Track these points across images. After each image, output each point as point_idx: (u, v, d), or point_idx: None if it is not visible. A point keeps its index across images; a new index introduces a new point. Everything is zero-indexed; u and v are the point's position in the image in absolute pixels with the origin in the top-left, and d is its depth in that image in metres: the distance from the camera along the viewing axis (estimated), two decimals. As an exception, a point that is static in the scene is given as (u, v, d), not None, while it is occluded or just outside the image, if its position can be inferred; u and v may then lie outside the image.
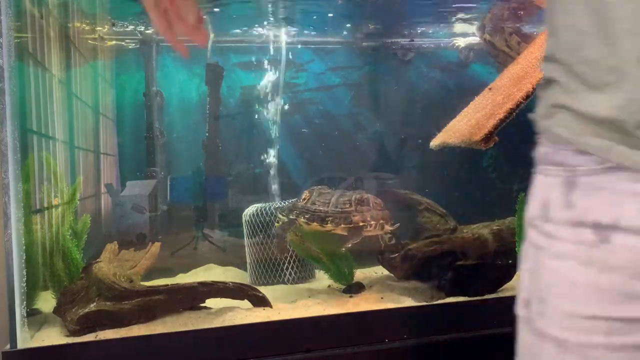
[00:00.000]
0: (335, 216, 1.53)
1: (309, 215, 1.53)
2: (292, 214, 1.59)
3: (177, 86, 2.23)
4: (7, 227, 1.19)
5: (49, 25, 1.59)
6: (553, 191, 0.69)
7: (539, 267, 0.71)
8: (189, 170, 2.19)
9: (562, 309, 0.67)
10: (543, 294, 0.70)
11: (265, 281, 1.80)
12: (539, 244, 0.71)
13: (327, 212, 1.55)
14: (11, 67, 1.19)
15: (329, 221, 1.53)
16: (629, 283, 0.63)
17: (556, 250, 0.68)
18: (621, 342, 0.63)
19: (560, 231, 0.68)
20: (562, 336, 0.67)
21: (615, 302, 0.63)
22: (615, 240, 0.63)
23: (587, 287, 0.65)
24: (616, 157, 0.63)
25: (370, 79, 2.41)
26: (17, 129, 1.22)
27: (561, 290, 0.67)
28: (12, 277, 1.19)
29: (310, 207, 1.57)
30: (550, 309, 0.69)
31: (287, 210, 1.61)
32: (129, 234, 1.92)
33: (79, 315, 1.27)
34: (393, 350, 1.31)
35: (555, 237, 0.68)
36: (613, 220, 0.63)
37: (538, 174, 0.72)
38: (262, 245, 1.81)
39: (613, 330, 0.64)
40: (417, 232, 1.67)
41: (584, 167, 0.66)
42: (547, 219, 0.70)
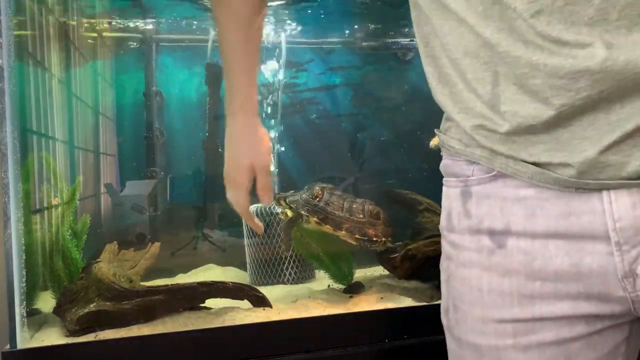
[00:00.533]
0: (350, 224, 1.50)
1: (323, 217, 1.50)
2: (304, 209, 1.52)
3: (177, 86, 2.23)
4: (6, 227, 1.19)
5: (48, 25, 1.59)
6: (453, 201, 0.73)
7: (451, 276, 0.74)
8: (189, 170, 2.19)
9: (473, 315, 0.70)
10: (457, 302, 0.73)
11: (265, 281, 1.80)
12: (448, 253, 0.75)
13: (342, 218, 1.51)
14: (11, 67, 1.19)
15: (344, 228, 1.49)
16: (525, 284, 0.65)
17: (462, 259, 0.71)
18: (527, 341, 0.66)
19: (463, 240, 0.71)
20: (476, 341, 0.70)
21: (517, 304, 0.66)
22: (509, 245, 0.66)
23: (491, 292, 0.68)
24: (499, 166, 0.66)
25: (370, 79, 2.41)
26: (17, 129, 1.22)
27: (470, 297, 0.70)
28: (11, 277, 1.19)
29: (324, 207, 1.52)
30: (463, 316, 0.72)
31: (297, 204, 1.54)
32: (129, 234, 1.92)
33: (79, 315, 1.27)
34: (393, 350, 1.31)
35: (460, 246, 0.72)
36: (504, 226, 0.66)
37: (443, 186, 0.77)
38: (262, 245, 1.81)
39: (519, 332, 0.66)
40: (417, 232, 1.66)
41: (475, 176, 0.69)
42: (451, 229, 0.74)
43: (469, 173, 0.70)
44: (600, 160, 0.58)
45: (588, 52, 0.56)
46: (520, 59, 0.59)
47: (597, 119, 0.58)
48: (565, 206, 0.62)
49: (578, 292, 0.63)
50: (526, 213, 0.65)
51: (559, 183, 0.62)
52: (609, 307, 0.64)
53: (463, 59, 0.65)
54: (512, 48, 0.59)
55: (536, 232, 0.64)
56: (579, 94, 0.57)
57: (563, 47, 0.57)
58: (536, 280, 0.65)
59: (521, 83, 0.60)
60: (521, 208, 0.65)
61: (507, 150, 0.64)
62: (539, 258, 0.64)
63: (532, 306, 0.65)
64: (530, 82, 0.59)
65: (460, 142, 0.70)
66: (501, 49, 0.60)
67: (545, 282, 0.64)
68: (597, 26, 0.56)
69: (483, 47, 0.62)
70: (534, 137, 0.62)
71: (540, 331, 0.66)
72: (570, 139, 0.59)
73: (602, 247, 0.61)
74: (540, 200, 0.64)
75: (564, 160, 0.60)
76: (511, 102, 0.61)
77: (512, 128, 0.62)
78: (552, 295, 0.65)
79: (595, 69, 0.56)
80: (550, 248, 0.64)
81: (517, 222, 0.65)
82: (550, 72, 0.57)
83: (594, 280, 0.62)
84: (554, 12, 0.57)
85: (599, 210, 0.61)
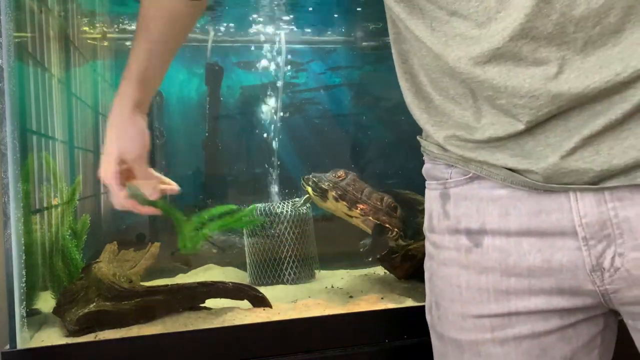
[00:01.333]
0: (365, 206, 1.50)
1: (342, 193, 1.50)
2: (324, 183, 1.53)
3: (177, 86, 2.23)
4: (6, 227, 1.19)
5: (48, 25, 1.59)
6: (434, 203, 0.77)
7: (433, 275, 0.78)
8: (189, 169, 2.19)
9: (454, 312, 0.74)
10: (438, 300, 0.77)
11: (265, 281, 1.80)
12: (430, 253, 0.79)
13: (359, 199, 1.51)
14: (11, 67, 1.19)
15: (359, 208, 1.50)
16: (501, 281, 0.69)
17: (443, 258, 0.75)
18: (504, 335, 0.69)
19: (442, 240, 0.75)
20: (457, 337, 0.74)
21: (494, 300, 0.69)
22: (485, 243, 0.69)
23: (469, 289, 0.71)
24: (474, 169, 0.69)
25: (370, 79, 2.41)
26: (17, 129, 1.22)
27: (451, 294, 0.74)
28: (11, 277, 1.19)
29: (345, 187, 1.52)
30: (445, 313, 0.75)
31: (321, 179, 1.55)
32: (129, 234, 1.92)
33: (79, 315, 1.27)
34: (393, 350, 1.31)
35: (440, 245, 0.75)
36: (480, 225, 0.70)
37: (426, 189, 0.81)
38: (262, 245, 1.81)
39: (496, 326, 0.70)
40: (417, 232, 1.66)
41: (453, 179, 0.73)
42: (432, 229, 0.78)
43: (447, 176, 0.74)
44: (563, 166, 0.61)
45: (543, 70, 0.59)
46: (484, 83, 0.62)
47: (557, 126, 0.61)
48: (536, 205, 0.65)
49: (551, 287, 0.66)
50: (500, 212, 0.68)
51: (528, 185, 0.64)
52: (580, 300, 0.66)
53: (442, 78, 0.68)
54: (475, 74, 0.62)
55: (510, 230, 0.67)
56: (540, 111, 0.60)
57: (519, 66, 0.59)
58: (511, 276, 0.68)
59: (490, 102, 0.63)
60: (496, 207, 0.68)
61: (476, 157, 0.67)
62: (513, 255, 0.67)
63: (508, 301, 0.68)
64: (497, 102, 0.62)
65: (439, 147, 0.74)
66: (464, 76, 0.63)
67: (520, 278, 0.67)
68: (554, 41, 0.58)
69: (454, 71, 0.65)
70: (501, 145, 0.65)
71: (516, 325, 0.68)
72: (534, 147, 0.62)
73: (571, 243, 0.64)
74: (513, 199, 0.67)
75: (528, 167, 0.63)
76: (490, 115, 0.64)
77: (485, 138, 0.65)
78: (526, 291, 0.67)
79: (550, 88, 0.59)
80: (523, 245, 0.66)
81: (492, 221, 0.68)
82: (512, 93, 0.60)
83: (564, 275, 0.65)
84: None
85: (567, 208, 0.63)
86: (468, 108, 0.67)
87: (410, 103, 0.75)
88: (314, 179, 1.56)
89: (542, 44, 0.58)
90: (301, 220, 1.83)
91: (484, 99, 0.64)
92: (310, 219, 1.87)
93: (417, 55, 0.71)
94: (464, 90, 0.66)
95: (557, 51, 0.58)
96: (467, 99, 0.66)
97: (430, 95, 0.71)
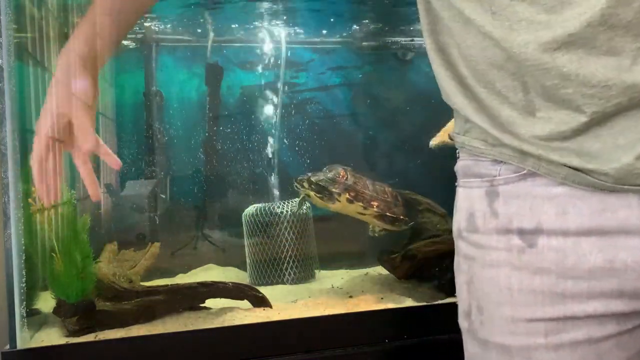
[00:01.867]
0: (379, 202, 1.49)
1: (355, 194, 1.48)
2: (334, 187, 1.51)
3: (177, 86, 2.22)
4: (6, 227, 1.19)
5: (48, 25, 1.59)
6: (477, 202, 0.72)
7: (474, 277, 0.73)
8: (189, 169, 2.19)
9: (502, 315, 0.69)
10: (481, 303, 0.72)
11: (265, 281, 1.80)
12: (470, 255, 0.74)
13: (371, 196, 1.50)
14: (11, 67, 1.19)
15: (375, 206, 1.48)
16: (557, 283, 0.65)
17: (489, 259, 0.70)
18: (559, 340, 0.66)
19: (489, 240, 0.70)
20: (505, 342, 0.69)
21: (549, 303, 0.66)
22: (540, 243, 0.66)
23: (522, 291, 0.67)
24: (531, 166, 0.66)
25: (370, 79, 2.41)
26: (17, 129, 1.22)
27: (499, 297, 0.70)
28: (11, 277, 1.19)
29: (354, 186, 1.50)
30: (490, 317, 0.71)
31: (327, 183, 1.53)
32: (129, 234, 1.92)
33: (79, 315, 1.27)
34: (393, 350, 1.31)
35: (486, 246, 0.71)
36: (535, 225, 0.66)
37: (459, 188, 0.76)
38: (262, 245, 1.81)
39: (550, 330, 0.66)
40: (417, 232, 1.66)
41: (502, 176, 0.69)
42: (474, 229, 0.73)
43: (495, 173, 0.70)
44: (637, 167, 0.59)
45: (616, 60, 0.56)
46: (550, 71, 0.59)
47: (628, 128, 0.59)
48: (600, 203, 0.62)
49: (611, 290, 0.63)
50: (557, 211, 0.64)
51: (594, 185, 0.62)
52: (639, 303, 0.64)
53: (489, 70, 0.65)
54: (542, 61, 0.59)
55: (569, 229, 0.64)
56: (609, 102, 0.58)
57: (591, 54, 0.57)
58: (568, 278, 0.65)
59: (551, 93, 0.60)
60: (552, 206, 0.65)
61: (536, 151, 0.64)
62: (571, 256, 0.64)
63: (564, 305, 0.65)
64: (561, 92, 0.59)
65: (486, 143, 0.70)
66: (529, 62, 0.60)
67: (578, 280, 0.64)
68: (632, 31, 0.56)
69: (509, 60, 0.62)
70: (565, 143, 0.62)
71: (572, 330, 0.65)
72: (602, 148, 0.60)
73: (636, 242, 0.61)
74: (573, 198, 0.64)
75: (597, 167, 0.60)
76: (545, 109, 0.62)
77: (544, 133, 0.62)
78: (584, 294, 0.64)
79: (625, 79, 0.56)
80: (583, 245, 0.64)
81: (548, 221, 0.65)
82: (582, 81, 0.58)
83: (628, 276, 0.62)
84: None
85: (636, 204, 0.61)
86: (517, 102, 0.64)
87: (451, 94, 0.71)
88: (318, 182, 1.53)
89: (619, 33, 0.56)
90: (301, 220, 1.83)
91: (538, 91, 0.61)
92: (310, 219, 1.87)
93: (463, 45, 0.67)
94: (514, 83, 0.63)
95: (632, 42, 0.56)
96: (517, 92, 0.63)
97: (476, 88, 0.68)
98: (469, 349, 0.76)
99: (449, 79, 0.71)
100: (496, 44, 0.62)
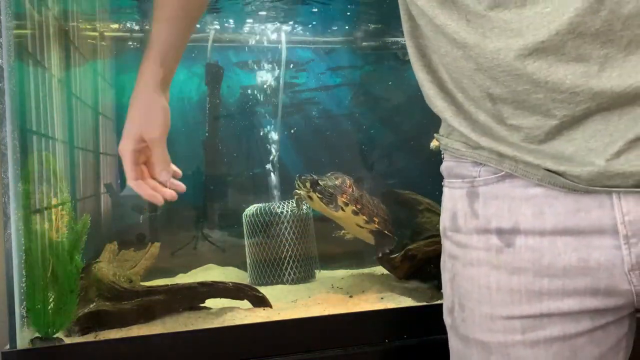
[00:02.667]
0: (379, 219, 1.51)
1: (361, 206, 1.49)
2: (342, 196, 1.52)
3: (177, 86, 2.22)
4: (7, 227, 1.19)
5: (48, 25, 1.59)
6: (459, 202, 0.74)
7: (456, 275, 0.75)
8: (189, 170, 2.19)
9: (481, 313, 0.72)
10: (463, 301, 0.74)
11: (265, 281, 1.80)
12: (453, 253, 0.76)
13: (374, 212, 1.51)
14: (11, 66, 1.19)
15: (377, 222, 1.49)
16: (534, 281, 0.67)
17: (469, 258, 0.73)
18: (536, 337, 0.68)
19: (470, 240, 0.72)
20: (484, 339, 0.72)
21: (526, 301, 0.68)
22: (518, 243, 0.68)
23: (500, 290, 0.70)
24: (508, 167, 0.68)
25: (370, 78, 2.41)
26: (17, 129, 1.22)
27: (478, 295, 0.72)
28: (11, 277, 1.19)
29: (359, 199, 1.51)
30: (470, 314, 0.73)
31: (336, 191, 1.53)
32: (129, 234, 1.92)
33: (79, 315, 1.27)
34: (393, 350, 1.31)
35: (467, 245, 0.73)
36: (513, 225, 0.68)
37: (445, 188, 0.78)
38: (262, 245, 1.81)
39: (527, 327, 0.68)
40: (417, 232, 1.66)
41: (482, 177, 0.71)
42: (457, 229, 0.75)
43: (475, 174, 0.71)
44: (608, 169, 0.60)
45: (585, 67, 0.58)
46: (522, 77, 0.60)
47: (598, 131, 0.60)
48: (574, 203, 0.64)
49: (585, 288, 0.65)
50: (534, 211, 0.66)
51: (568, 187, 0.63)
52: (613, 300, 0.65)
53: (462, 79, 0.67)
54: (513, 67, 0.61)
55: (545, 229, 0.66)
56: (578, 106, 0.59)
57: (561, 61, 0.59)
58: (544, 277, 0.66)
59: (521, 98, 0.62)
60: (529, 207, 0.66)
61: (512, 152, 0.66)
62: (547, 255, 0.66)
63: (540, 302, 0.67)
64: (532, 97, 0.61)
65: (466, 145, 0.72)
66: (501, 69, 0.61)
67: (554, 278, 0.66)
68: (599, 39, 0.57)
69: (477, 72, 0.64)
70: (540, 146, 0.63)
71: (548, 327, 0.67)
72: (575, 151, 0.61)
73: (609, 241, 0.63)
74: (549, 198, 0.65)
75: (569, 169, 0.62)
76: (514, 117, 0.64)
77: (516, 139, 0.64)
78: (559, 292, 0.66)
79: (592, 85, 0.58)
80: (558, 245, 0.65)
81: (525, 221, 0.67)
82: (552, 88, 0.60)
83: (601, 274, 0.64)
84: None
85: (608, 205, 0.62)
86: (488, 110, 0.66)
87: (432, 97, 0.73)
88: (327, 188, 1.53)
89: (587, 41, 0.58)
90: (301, 220, 1.83)
91: (506, 101, 0.63)
92: (310, 219, 1.87)
93: (438, 52, 0.69)
94: (482, 94, 0.65)
95: (600, 49, 0.58)
96: (486, 102, 0.65)
97: (454, 93, 0.70)
98: (452, 345, 0.79)
99: (429, 83, 0.73)
100: (465, 54, 0.64)
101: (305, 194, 1.59)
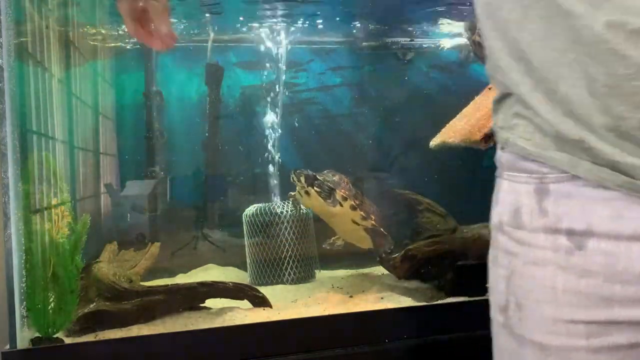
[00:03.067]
0: (376, 217, 1.51)
1: (360, 202, 1.51)
2: (341, 190, 1.54)
3: (177, 86, 2.22)
4: (7, 227, 1.19)
5: (48, 25, 1.59)
6: (524, 198, 0.70)
7: (514, 273, 0.72)
8: (189, 170, 2.19)
9: (543, 314, 0.68)
10: (521, 300, 0.71)
11: (265, 281, 1.80)
12: (512, 250, 0.72)
13: (370, 209, 1.52)
14: (11, 67, 1.19)
15: (373, 219, 1.50)
16: (604, 287, 0.64)
17: (533, 257, 0.69)
18: (600, 343, 0.65)
19: (535, 238, 0.69)
20: (543, 340, 0.68)
21: (594, 306, 0.65)
22: (590, 246, 0.64)
23: (566, 292, 0.66)
24: (583, 173, 0.64)
25: (370, 78, 2.41)
26: (17, 129, 1.22)
27: (541, 295, 0.68)
28: (11, 277, 1.19)
29: (358, 195, 1.52)
30: (530, 314, 0.70)
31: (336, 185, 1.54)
32: (129, 234, 1.92)
33: (79, 315, 1.27)
34: (393, 350, 1.31)
35: (531, 244, 0.69)
36: (586, 227, 0.65)
37: (503, 180, 0.73)
38: (262, 245, 1.81)
39: (592, 333, 0.65)
40: (417, 232, 1.66)
41: (553, 174, 0.66)
42: (519, 226, 0.71)
43: (545, 170, 0.67)
44: None
45: None
46: (628, 59, 0.57)
47: None
48: None
49: None
50: (612, 214, 0.63)
51: None
52: None
53: (551, 53, 0.62)
54: (621, 47, 0.56)
55: (622, 234, 0.63)
56: None
57: None
58: (616, 283, 0.64)
59: (618, 84, 0.58)
60: (606, 209, 0.63)
61: (594, 143, 0.62)
62: (622, 260, 0.63)
63: (610, 309, 0.64)
64: (632, 84, 0.57)
65: (533, 144, 0.67)
66: (607, 46, 0.57)
67: (627, 285, 0.64)
68: None
69: (595, 38, 0.58)
70: (630, 141, 0.60)
71: (614, 334, 0.65)
72: None
73: None
74: (628, 202, 0.62)
75: None
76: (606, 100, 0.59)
77: (608, 125, 0.60)
78: (632, 299, 0.64)
79: None
80: (634, 250, 0.63)
81: (600, 223, 0.64)
82: None
83: None
84: None
85: None
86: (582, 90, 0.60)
87: (503, 66, 0.67)
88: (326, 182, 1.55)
89: None
90: (301, 220, 1.83)
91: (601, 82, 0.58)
92: (310, 219, 1.87)
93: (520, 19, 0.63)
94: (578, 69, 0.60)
95: None
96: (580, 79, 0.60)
97: (542, 73, 0.63)
98: (501, 343, 0.75)
99: (505, 56, 0.66)
100: (567, 24, 0.59)
101: (301, 189, 1.59)
